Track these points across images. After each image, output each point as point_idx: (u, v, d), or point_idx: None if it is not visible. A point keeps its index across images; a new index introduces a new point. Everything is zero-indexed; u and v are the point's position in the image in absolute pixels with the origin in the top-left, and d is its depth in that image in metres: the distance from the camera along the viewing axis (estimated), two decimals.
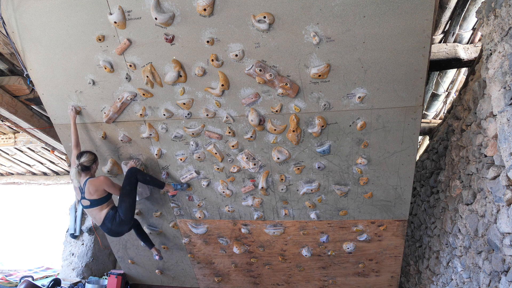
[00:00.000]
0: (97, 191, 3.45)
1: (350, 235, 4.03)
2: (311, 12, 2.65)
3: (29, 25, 3.08)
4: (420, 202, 4.48)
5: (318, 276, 4.54)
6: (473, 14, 3.17)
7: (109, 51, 3.11)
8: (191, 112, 3.38)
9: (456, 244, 3.24)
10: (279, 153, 3.48)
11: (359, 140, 3.29)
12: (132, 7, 2.84)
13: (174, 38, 2.94)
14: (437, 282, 3.76)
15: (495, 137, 2.47)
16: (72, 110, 3.50)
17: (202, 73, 3.09)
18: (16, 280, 5.40)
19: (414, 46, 2.68)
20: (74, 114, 3.51)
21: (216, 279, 4.83)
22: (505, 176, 2.27)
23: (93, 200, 3.47)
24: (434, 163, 4.03)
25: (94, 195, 3.45)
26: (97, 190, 3.45)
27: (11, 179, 7.90)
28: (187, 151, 3.68)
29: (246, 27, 2.79)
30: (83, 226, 5.65)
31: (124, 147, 3.79)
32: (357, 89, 2.98)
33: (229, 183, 3.85)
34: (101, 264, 5.75)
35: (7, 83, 3.98)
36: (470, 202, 2.94)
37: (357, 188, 3.61)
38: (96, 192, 3.45)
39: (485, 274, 2.64)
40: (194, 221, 4.31)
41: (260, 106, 3.23)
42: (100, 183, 3.44)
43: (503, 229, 2.32)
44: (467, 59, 3.44)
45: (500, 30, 2.13)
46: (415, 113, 3.04)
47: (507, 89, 2.08)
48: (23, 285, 4.59)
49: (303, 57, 2.87)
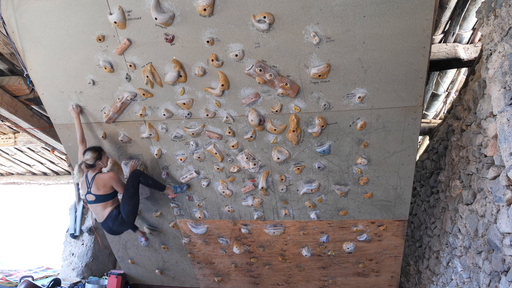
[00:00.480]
0: (104, 186, 3.42)
1: (350, 235, 4.03)
2: (311, 12, 2.65)
3: (29, 25, 3.08)
4: (420, 202, 4.48)
5: (318, 276, 4.54)
6: (473, 14, 3.17)
7: (109, 51, 3.11)
8: (191, 112, 3.38)
9: (456, 244, 3.24)
10: (279, 153, 3.48)
11: (359, 140, 3.29)
12: (132, 7, 2.84)
13: (174, 38, 2.94)
14: (437, 282, 3.76)
15: (495, 137, 2.47)
16: (73, 108, 3.48)
17: (202, 73, 3.09)
18: (16, 280, 5.40)
19: (414, 46, 2.68)
20: (77, 111, 3.48)
21: (216, 279, 4.83)
22: (505, 176, 2.27)
23: (99, 195, 3.45)
24: (434, 163, 4.03)
25: (101, 190, 3.43)
26: (105, 186, 3.42)
27: (11, 179, 7.91)
28: (187, 151, 3.68)
29: (246, 27, 2.79)
30: (83, 226, 5.65)
31: (124, 147, 3.79)
32: (357, 89, 2.98)
33: (229, 183, 3.85)
34: (101, 264, 5.75)
35: (7, 83, 3.97)
36: (470, 202, 2.94)
37: (357, 188, 3.61)
38: (104, 187, 3.43)
39: (485, 274, 2.64)
40: (194, 221, 4.31)
41: (260, 106, 3.23)
42: (109, 179, 3.43)
43: (503, 229, 2.32)
44: (467, 59, 3.44)
45: (500, 30, 2.13)
46: (415, 113, 3.04)
47: (507, 89, 2.08)
48: (23, 285, 4.59)
49: (303, 57, 2.87)
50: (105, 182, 3.43)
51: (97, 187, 3.42)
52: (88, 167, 3.40)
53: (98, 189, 3.42)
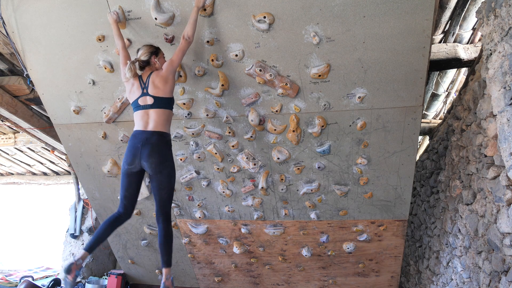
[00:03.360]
0: (166, 81, 2.74)
1: (350, 235, 4.03)
2: (311, 12, 2.65)
3: (29, 25, 3.08)
4: (420, 202, 4.48)
5: (318, 276, 4.54)
6: (473, 14, 3.17)
7: (109, 51, 3.11)
8: (191, 112, 3.38)
9: (456, 244, 3.24)
10: (279, 153, 3.48)
11: (359, 140, 3.29)
12: (132, 7, 2.84)
13: (174, 38, 2.94)
14: (437, 282, 3.76)
15: (495, 137, 2.47)
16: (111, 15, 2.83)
17: (202, 73, 3.09)
18: (16, 280, 5.40)
19: (414, 46, 2.68)
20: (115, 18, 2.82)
21: (216, 279, 4.83)
22: (505, 176, 2.27)
23: (158, 98, 2.73)
24: (434, 163, 4.03)
25: (161, 89, 2.72)
26: (167, 81, 2.74)
27: (11, 179, 7.90)
28: (187, 151, 3.68)
29: (246, 27, 2.79)
30: (83, 226, 5.65)
31: (124, 147, 3.79)
32: (357, 89, 2.98)
33: (229, 183, 3.85)
34: (101, 264, 5.75)
35: (7, 83, 3.97)
36: (470, 202, 2.94)
37: (357, 188, 3.61)
38: (166, 83, 2.74)
39: (485, 274, 2.64)
40: (194, 221, 4.31)
41: (260, 106, 3.23)
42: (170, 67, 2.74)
43: (503, 229, 2.32)
44: (467, 59, 3.43)
45: (500, 30, 2.13)
46: (415, 113, 3.04)
47: (507, 89, 2.08)
48: (23, 285, 4.59)
49: (303, 57, 2.87)
50: (167, 74, 2.73)
51: (157, 85, 2.72)
52: (142, 68, 2.74)
53: (157, 88, 2.72)
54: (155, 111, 2.73)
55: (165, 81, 2.73)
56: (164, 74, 2.74)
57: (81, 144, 3.84)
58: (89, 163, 4.00)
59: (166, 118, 2.78)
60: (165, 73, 2.74)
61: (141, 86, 2.75)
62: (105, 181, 4.11)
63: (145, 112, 2.74)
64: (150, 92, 2.72)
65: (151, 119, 2.73)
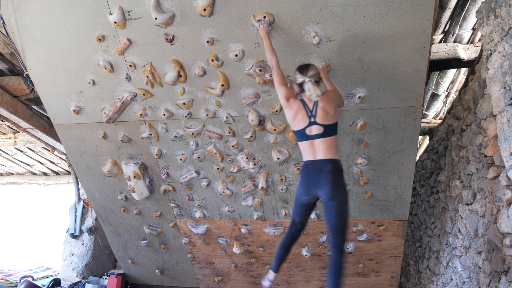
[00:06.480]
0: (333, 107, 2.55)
1: (350, 235, 4.02)
2: (311, 12, 2.65)
3: (29, 25, 3.08)
4: (420, 202, 4.48)
5: (318, 276, 4.54)
6: (473, 14, 3.17)
7: (109, 51, 3.11)
8: (191, 112, 3.38)
9: (456, 244, 3.24)
10: (279, 153, 3.48)
11: (359, 140, 3.29)
12: (132, 7, 2.84)
13: (174, 38, 2.94)
14: (437, 282, 3.76)
15: (495, 137, 2.47)
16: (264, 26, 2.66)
17: (202, 73, 3.09)
18: (16, 280, 5.40)
19: (414, 46, 2.68)
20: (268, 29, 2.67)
21: (216, 279, 4.83)
22: (505, 176, 2.27)
23: (327, 125, 2.53)
24: (434, 163, 4.03)
25: (328, 117, 2.52)
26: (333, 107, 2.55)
27: (11, 179, 7.91)
28: (187, 151, 3.68)
29: (246, 27, 2.79)
30: (83, 226, 5.65)
31: (124, 147, 3.79)
32: (357, 89, 2.98)
33: (229, 183, 3.85)
34: (101, 264, 5.75)
35: (7, 83, 3.97)
36: (470, 202, 2.94)
37: (357, 188, 3.61)
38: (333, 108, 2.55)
39: (485, 274, 2.64)
40: (194, 221, 4.31)
41: (260, 106, 3.23)
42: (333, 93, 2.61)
43: (503, 229, 2.32)
44: (467, 59, 3.43)
45: (500, 30, 2.13)
46: (415, 113, 3.04)
47: (507, 89, 2.08)
48: (23, 285, 4.59)
49: (303, 57, 2.87)
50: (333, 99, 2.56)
51: (326, 111, 2.51)
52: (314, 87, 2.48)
53: (326, 115, 2.52)
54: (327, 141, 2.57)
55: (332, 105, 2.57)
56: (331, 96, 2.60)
57: (81, 144, 3.85)
58: (89, 163, 4.00)
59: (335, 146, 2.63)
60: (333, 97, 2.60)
61: (308, 113, 2.56)
62: (105, 181, 4.11)
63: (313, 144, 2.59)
64: (319, 120, 2.53)
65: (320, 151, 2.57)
